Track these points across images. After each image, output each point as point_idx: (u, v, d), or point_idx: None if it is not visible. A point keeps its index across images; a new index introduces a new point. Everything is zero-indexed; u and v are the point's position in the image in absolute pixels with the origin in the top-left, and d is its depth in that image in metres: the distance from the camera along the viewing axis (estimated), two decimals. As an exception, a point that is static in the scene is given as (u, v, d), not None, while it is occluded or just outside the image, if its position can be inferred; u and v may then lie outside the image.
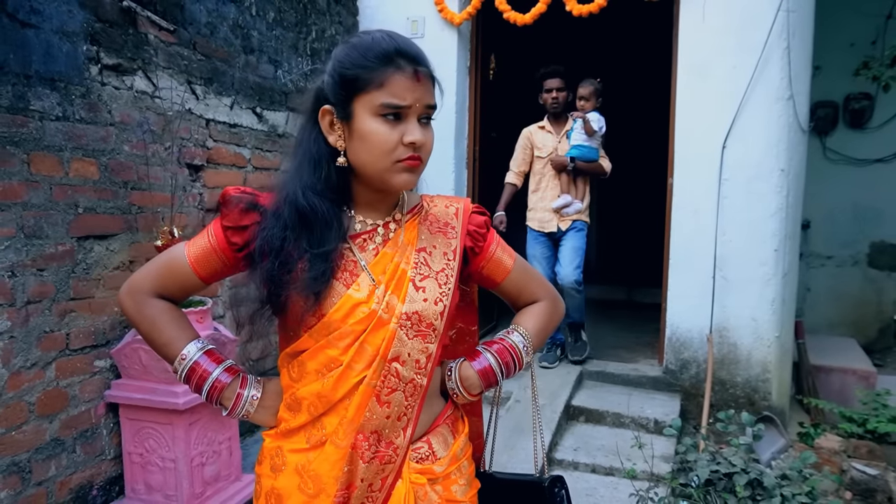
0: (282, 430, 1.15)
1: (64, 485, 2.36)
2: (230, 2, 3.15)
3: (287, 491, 1.12)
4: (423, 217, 1.20)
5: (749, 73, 3.68)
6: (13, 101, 2.10)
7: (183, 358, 1.13)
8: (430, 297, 1.12)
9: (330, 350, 1.09)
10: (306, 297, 1.05)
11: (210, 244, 1.13)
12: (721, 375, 3.84)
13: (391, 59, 1.05)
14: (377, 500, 1.12)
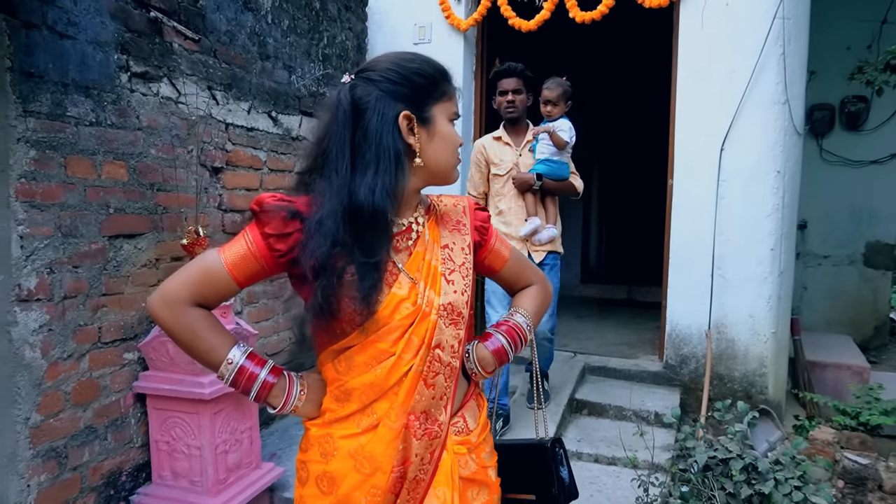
0: (328, 419, 1.25)
1: (96, 470, 2.49)
2: (248, 10, 3.28)
3: (341, 473, 1.21)
4: (438, 216, 1.34)
5: (746, 78, 3.81)
6: (52, 108, 2.23)
7: (230, 363, 1.20)
8: (458, 289, 1.26)
9: (380, 343, 1.20)
10: (359, 302, 1.14)
11: (249, 250, 1.18)
12: (719, 370, 3.97)
13: (449, 77, 1.27)
14: (428, 472, 1.25)
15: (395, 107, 1.18)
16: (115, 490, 2.58)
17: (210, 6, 3.00)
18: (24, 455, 2.20)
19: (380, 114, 1.17)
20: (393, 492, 1.22)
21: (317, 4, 3.93)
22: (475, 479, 1.32)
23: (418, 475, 1.23)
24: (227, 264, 1.18)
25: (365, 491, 1.21)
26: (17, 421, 2.18)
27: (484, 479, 1.34)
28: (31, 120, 2.16)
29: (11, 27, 2.08)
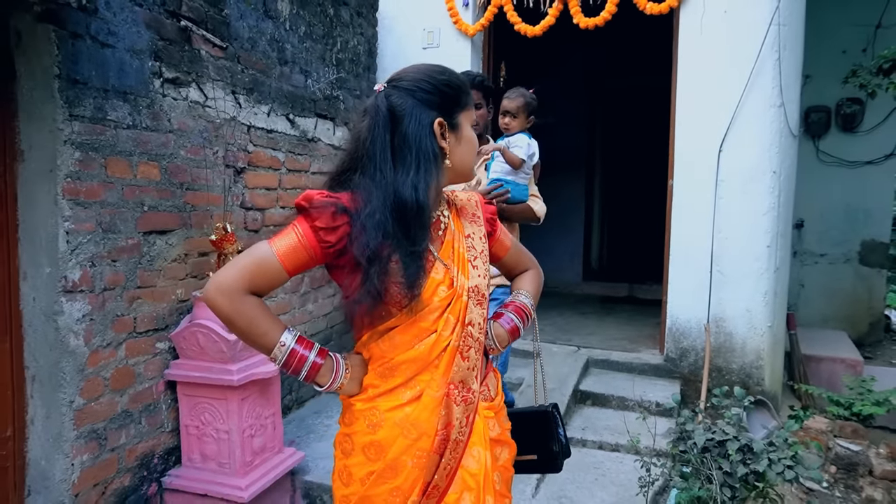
0: (372, 394, 1.40)
1: (132, 452, 2.65)
2: (268, 18, 3.44)
3: (389, 441, 1.35)
4: (457, 209, 1.52)
5: (743, 83, 3.97)
6: (94, 112, 2.39)
7: (282, 345, 1.32)
8: (481, 273, 1.45)
9: (422, 323, 1.37)
10: (405, 287, 1.30)
11: (300, 242, 1.30)
12: (717, 363, 4.13)
13: (468, 88, 1.47)
14: (465, 434, 1.42)
15: (430, 114, 1.36)
16: (147, 471, 2.74)
17: (234, 14, 3.16)
18: (68, 436, 2.36)
19: (417, 120, 1.34)
20: (438, 452, 1.37)
21: (331, 11, 4.09)
22: (500, 440, 1.50)
23: (458, 437, 1.40)
24: (278, 255, 1.30)
25: (412, 454, 1.36)
26: (62, 404, 2.34)
27: (506, 440, 1.53)
28: (76, 123, 2.31)
29: (60, 37, 2.24)
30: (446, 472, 1.39)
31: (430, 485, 1.37)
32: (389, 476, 1.37)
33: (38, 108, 2.26)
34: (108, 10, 2.43)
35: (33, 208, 2.30)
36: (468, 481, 1.39)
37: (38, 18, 2.21)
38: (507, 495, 1.51)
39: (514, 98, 2.88)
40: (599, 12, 4.29)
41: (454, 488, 1.40)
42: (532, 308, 1.63)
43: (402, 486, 1.36)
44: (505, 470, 1.52)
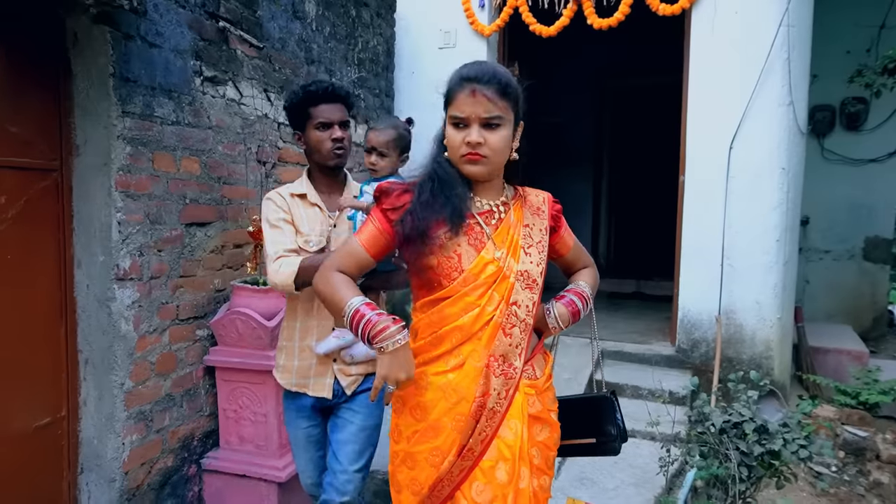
0: (421, 360, 1.56)
1: (174, 434, 2.77)
2: (297, 19, 3.57)
3: (432, 403, 1.53)
4: (523, 202, 1.66)
5: (753, 82, 4.10)
6: (143, 109, 2.52)
7: (350, 305, 1.50)
8: (533, 261, 1.58)
9: (468, 297, 1.53)
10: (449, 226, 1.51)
11: (375, 227, 1.56)
12: (728, 353, 4.25)
13: (458, 82, 1.52)
14: (503, 406, 1.54)
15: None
16: (188, 453, 2.86)
17: (266, 16, 3.28)
18: (119, 416, 2.48)
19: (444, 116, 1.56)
20: (474, 418, 1.52)
21: (353, 12, 4.22)
22: (540, 418, 1.61)
23: (495, 407, 1.53)
24: (361, 242, 1.57)
25: (451, 417, 1.52)
26: (114, 386, 2.47)
27: (547, 419, 1.63)
28: (127, 119, 2.44)
29: (114, 38, 2.36)
30: (481, 437, 1.52)
31: (466, 447, 1.52)
32: (431, 436, 1.53)
33: (93, 105, 2.39)
34: (155, 12, 2.55)
35: (88, 200, 2.43)
36: (503, 451, 1.52)
37: (94, 20, 2.34)
38: (547, 472, 1.62)
39: (382, 130, 2.18)
40: (613, 13, 4.41)
41: (490, 455, 1.53)
42: (591, 296, 1.74)
43: (442, 447, 1.52)
44: (545, 447, 1.61)
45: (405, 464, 1.58)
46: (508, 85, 1.52)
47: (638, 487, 3.00)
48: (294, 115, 2.19)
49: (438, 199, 1.54)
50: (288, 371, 2.16)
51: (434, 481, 1.53)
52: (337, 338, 2.10)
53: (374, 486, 3.11)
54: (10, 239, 2.23)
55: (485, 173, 1.55)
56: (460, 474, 1.54)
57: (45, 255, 2.38)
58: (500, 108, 1.49)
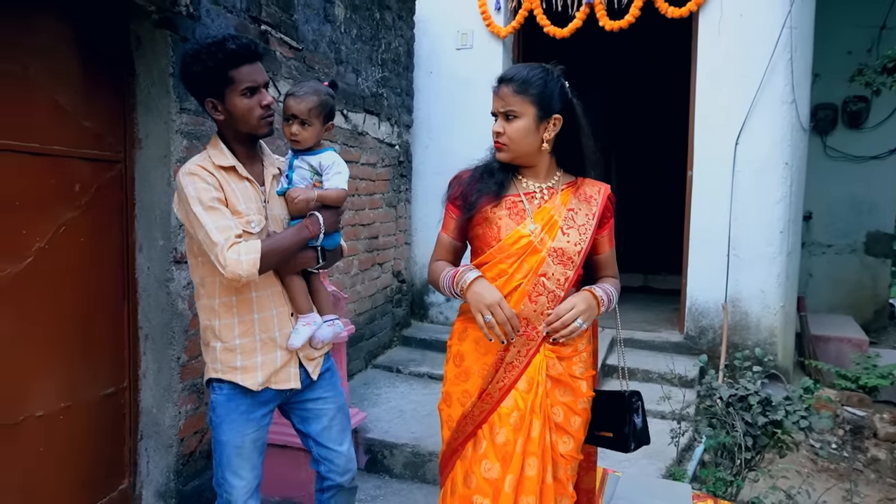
0: (465, 317, 1.87)
1: (221, 406, 3.00)
2: (328, 22, 3.79)
3: (467, 351, 1.85)
4: (575, 189, 1.87)
5: (757, 81, 4.31)
6: (196, 106, 2.74)
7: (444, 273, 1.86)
8: (571, 240, 1.79)
9: (501, 265, 1.79)
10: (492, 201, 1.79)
11: (449, 216, 1.90)
12: (734, 339, 4.47)
13: (495, 81, 1.82)
14: (522, 363, 1.78)
15: None
16: (233, 425, 3.09)
17: (301, 19, 3.51)
18: (176, 387, 2.71)
19: None
20: (495, 368, 1.80)
21: (377, 14, 4.45)
22: (561, 381, 1.81)
23: (514, 362, 1.78)
24: (445, 231, 1.92)
25: (479, 365, 1.83)
26: (171, 359, 2.70)
27: (569, 383, 1.82)
28: (184, 115, 2.67)
29: (174, 41, 2.59)
30: (499, 386, 1.78)
31: (485, 392, 1.80)
32: (463, 379, 1.85)
33: (154, 102, 2.62)
34: (208, 17, 2.78)
35: (149, 189, 2.66)
36: (518, 401, 1.77)
37: (156, 25, 2.57)
38: (570, 432, 1.82)
39: (303, 97, 1.95)
40: (624, 15, 4.62)
41: (507, 403, 1.78)
42: (615, 296, 1.88)
43: (469, 389, 1.83)
44: (569, 410, 1.81)
45: (445, 402, 1.90)
46: (527, 83, 1.76)
47: (650, 458, 3.22)
48: (206, 81, 1.83)
49: (484, 178, 1.84)
50: (251, 370, 1.90)
51: (460, 417, 1.83)
52: (308, 324, 1.96)
53: (404, 458, 3.34)
54: (83, 224, 2.45)
55: (508, 157, 1.81)
56: (481, 415, 1.80)
57: (110, 239, 2.60)
58: (514, 104, 1.75)
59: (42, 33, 2.27)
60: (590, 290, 1.81)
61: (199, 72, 1.82)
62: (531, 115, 1.75)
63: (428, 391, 4.22)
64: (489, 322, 1.71)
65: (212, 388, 1.97)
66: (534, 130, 1.77)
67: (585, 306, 1.76)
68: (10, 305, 2.17)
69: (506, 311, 1.70)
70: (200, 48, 1.81)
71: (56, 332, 2.37)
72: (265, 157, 2.04)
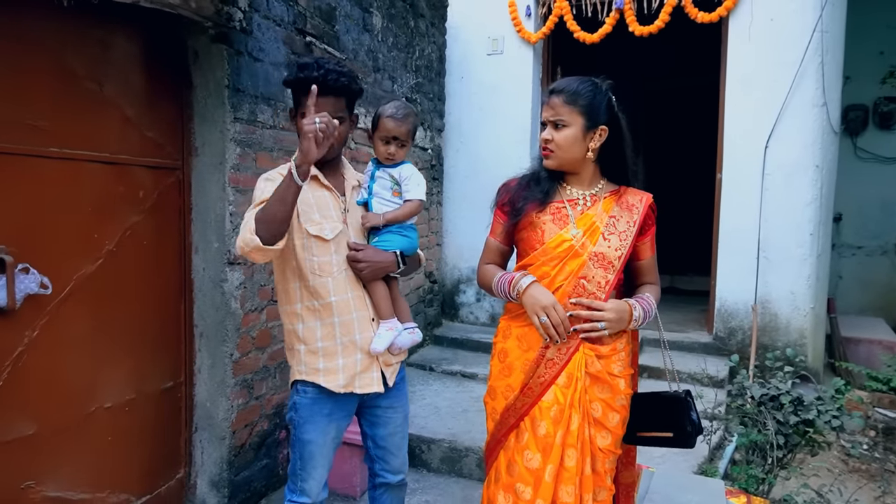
0: (510, 316, 1.99)
1: (269, 401, 3.15)
2: (366, 31, 3.93)
3: (510, 348, 1.97)
4: (618, 198, 1.97)
5: (788, 84, 4.35)
6: (249, 115, 2.89)
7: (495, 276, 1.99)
8: (612, 245, 1.89)
9: (544, 267, 1.90)
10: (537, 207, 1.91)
11: (497, 221, 2.03)
12: (763, 341, 4.51)
13: (546, 92, 1.94)
14: (562, 359, 1.88)
15: None
16: (279, 419, 3.23)
17: (342, 30, 3.65)
18: (229, 382, 2.86)
19: None
20: (536, 364, 1.91)
21: (412, 22, 4.57)
22: (599, 378, 1.89)
23: (554, 358, 1.88)
24: (493, 236, 2.05)
25: (521, 361, 1.94)
26: (225, 356, 2.85)
27: (607, 381, 1.91)
28: (237, 124, 2.82)
29: (229, 54, 2.74)
30: (540, 381, 1.89)
31: (527, 386, 1.91)
32: (506, 374, 1.96)
33: (210, 112, 2.77)
34: (259, 31, 2.93)
35: (204, 194, 2.81)
36: (558, 395, 1.87)
37: (212, 40, 2.72)
38: (609, 428, 1.90)
39: (403, 120, 2.07)
40: (653, 21, 4.69)
41: (547, 397, 1.89)
42: (652, 307, 1.96)
43: (512, 384, 1.94)
44: (608, 406, 1.89)
45: (490, 395, 2.02)
46: (576, 94, 1.88)
47: (683, 456, 3.29)
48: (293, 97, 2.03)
49: (531, 186, 1.96)
50: (333, 372, 1.98)
51: (504, 409, 1.95)
52: (390, 330, 2.04)
53: (441, 453, 3.46)
54: (145, 228, 2.61)
55: (554, 164, 1.93)
56: (523, 407, 1.91)
57: (169, 242, 2.76)
58: (563, 113, 1.87)
59: (114, 53, 2.43)
60: (628, 303, 1.89)
61: (286, 83, 2.06)
62: (578, 125, 1.86)
63: (461, 389, 4.34)
64: (545, 323, 1.83)
65: (295, 390, 2.07)
66: (580, 139, 1.88)
67: (615, 315, 1.84)
68: (85, 303, 2.34)
69: (559, 312, 1.83)
70: (293, 63, 2.09)
71: (122, 329, 2.53)
72: (345, 170, 2.18)
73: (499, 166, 5.29)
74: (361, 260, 1.99)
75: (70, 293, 2.28)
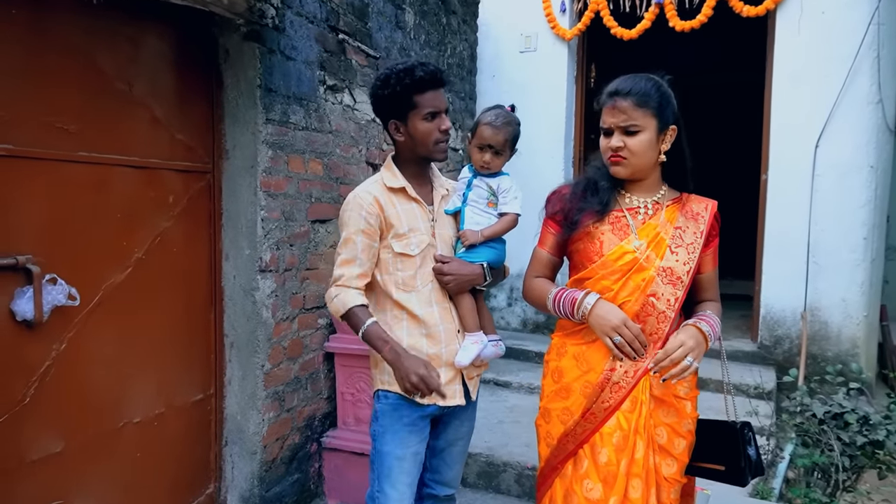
0: (564, 333, 1.84)
1: (300, 413, 3.03)
2: (398, 29, 3.79)
3: (566, 368, 1.81)
4: (681, 206, 1.80)
5: (840, 81, 4.12)
6: (281, 116, 2.77)
7: (550, 293, 1.82)
8: (680, 259, 1.73)
9: (604, 281, 1.75)
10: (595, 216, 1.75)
11: (548, 231, 1.87)
12: (812, 350, 4.29)
13: (604, 97, 1.76)
14: (629, 383, 1.73)
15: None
16: (310, 432, 3.12)
17: (375, 27, 3.52)
18: (260, 395, 2.75)
19: None
20: (600, 388, 1.74)
21: (444, 20, 4.43)
22: (665, 401, 1.75)
23: (620, 382, 1.72)
24: (543, 246, 1.89)
25: (581, 383, 1.78)
26: (256, 367, 2.74)
27: (673, 404, 1.76)
28: (269, 126, 2.70)
29: (261, 53, 2.62)
30: (604, 406, 1.73)
31: (589, 411, 1.75)
32: (563, 396, 1.80)
33: (241, 113, 2.66)
34: (291, 28, 2.81)
35: (235, 199, 2.70)
36: (622, 422, 1.72)
37: (244, 38, 2.60)
38: (674, 455, 1.75)
39: (501, 127, 1.96)
40: (695, 15, 4.49)
41: (610, 423, 1.73)
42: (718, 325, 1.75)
43: (571, 407, 1.78)
44: (673, 431, 1.74)
45: (543, 417, 1.87)
46: (646, 95, 1.71)
47: (735, 475, 3.11)
48: (392, 104, 1.89)
49: (587, 194, 1.80)
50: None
51: (561, 435, 1.79)
52: (476, 343, 1.97)
53: (478, 468, 3.31)
54: (175, 233, 2.51)
55: (626, 173, 1.75)
56: (583, 434, 1.76)
57: (199, 248, 2.66)
58: (636, 117, 1.69)
59: (144, 51, 2.33)
60: (694, 326, 1.69)
61: (386, 95, 1.89)
62: (652, 128, 1.71)
63: (494, 398, 4.19)
64: (619, 343, 1.68)
65: (377, 397, 1.99)
66: (654, 144, 1.73)
67: (694, 343, 1.65)
68: (114, 314, 2.23)
69: (632, 329, 1.68)
70: (390, 73, 1.88)
71: (151, 341, 2.43)
72: (435, 179, 2.10)
73: (531, 167, 5.13)
74: (448, 273, 1.93)
75: (98, 304, 2.18)
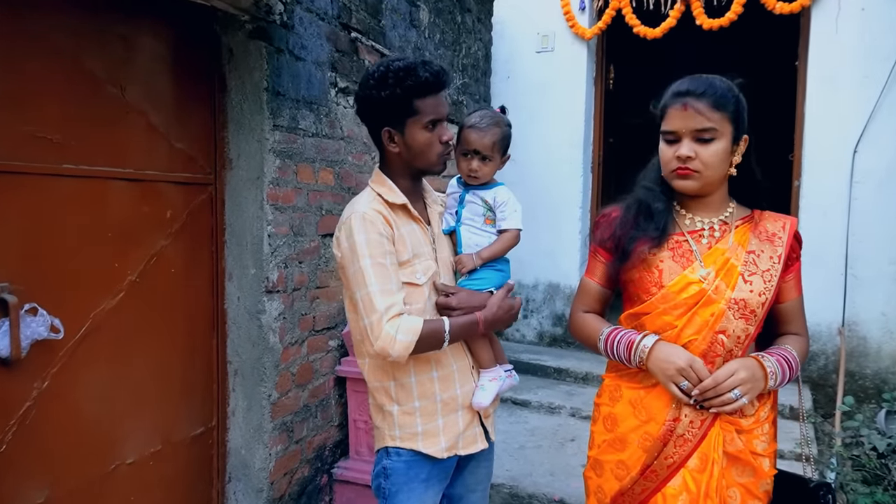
0: (619, 375, 1.60)
1: (310, 444, 2.79)
2: (413, 27, 3.55)
3: (622, 416, 1.56)
4: (753, 226, 1.54)
5: (881, 82, 3.89)
6: (289, 122, 2.54)
7: (601, 333, 1.59)
8: (755, 290, 1.46)
9: (666, 316, 1.49)
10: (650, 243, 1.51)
11: (597, 259, 1.65)
12: (850, 367, 4.05)
13: (671, 97, 1.49)
14: (696, 435, 1.47)
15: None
16: (321, 462, 2.88)
17: (388, 25, 3.28)
18: (266, 427, 2.51)
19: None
20: (662, 441, 1.48)
21: (459, 18, 4.19)
22: (739, 458, 1.47)
23: (686, 434, 1.47)
24: (591, 277, 1.66)
25: (639, 434, 1.52)
26: (262, 397, 2.50)
27: (749, 461, 1.48)
28: (276, 133, 2.46)
29: (268, 53, 2.38)
30: (668, 462, 1.48)
31: (650, 468, 1.50)
32: (618, 447, 1.55)
33: (247, 119, 2.42)
34: (300, 26, 2.57)
35: (240, 213, 2.46)
36: (689, 482, 1.46)
37: (249, 36, 2.36)
38: None
39: (487, 129, 1.69)
40: (724, 13, 4.25)
41: (674, 483, 1.48)
42: (796, 364, 1.50)
43: (627, 461, 1.53)
44: (748, 493, 1.48)
45: (594, 469, 1.63)
46: (724, 97, 1.45)
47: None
48: (388, 108, 1.59)
49: (640, 220, 1.55)
50: (433, 435, 1.66)
51: (616, 493, 1.56)
52: (494, 380, 1.74)
53: (501, 500, 3.07)
54: (173, 253, 2.27)
55: (696, 188, 1.49)
56: (642, 493, 1.52)
57: (200, 268, 2.42)
58: (713, 121, 1.43)
59: (138, 51, 2.09)
60: (756, 359, 1.45)
61: (382, 97, 1.58)
62: (728, 136, 1.45)
63: (513, 419, 3.95)
64: (686, 388, 1.43)
65: (386, 453, 1.70)
66: (728, 155, 1.47)
67: (748, 376, 1.41)
68: (104, 345, 2.00)
69: (700, 372, 1.42)
70: (387, 71, 1.57)
71: (147, 372, 2.19)
72: (427, 194, 1.81)
73: (548, 174, 4.90)
74: (457, 308, 1.62)
75: (86, 334, 1.94)
